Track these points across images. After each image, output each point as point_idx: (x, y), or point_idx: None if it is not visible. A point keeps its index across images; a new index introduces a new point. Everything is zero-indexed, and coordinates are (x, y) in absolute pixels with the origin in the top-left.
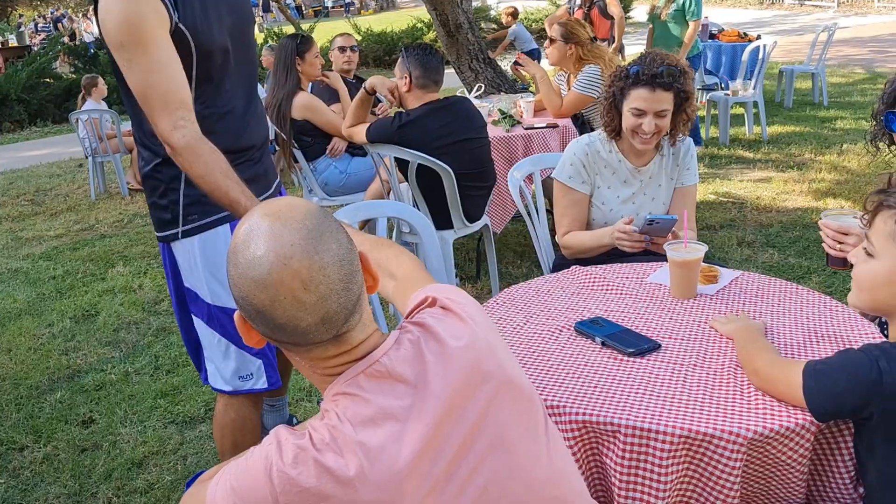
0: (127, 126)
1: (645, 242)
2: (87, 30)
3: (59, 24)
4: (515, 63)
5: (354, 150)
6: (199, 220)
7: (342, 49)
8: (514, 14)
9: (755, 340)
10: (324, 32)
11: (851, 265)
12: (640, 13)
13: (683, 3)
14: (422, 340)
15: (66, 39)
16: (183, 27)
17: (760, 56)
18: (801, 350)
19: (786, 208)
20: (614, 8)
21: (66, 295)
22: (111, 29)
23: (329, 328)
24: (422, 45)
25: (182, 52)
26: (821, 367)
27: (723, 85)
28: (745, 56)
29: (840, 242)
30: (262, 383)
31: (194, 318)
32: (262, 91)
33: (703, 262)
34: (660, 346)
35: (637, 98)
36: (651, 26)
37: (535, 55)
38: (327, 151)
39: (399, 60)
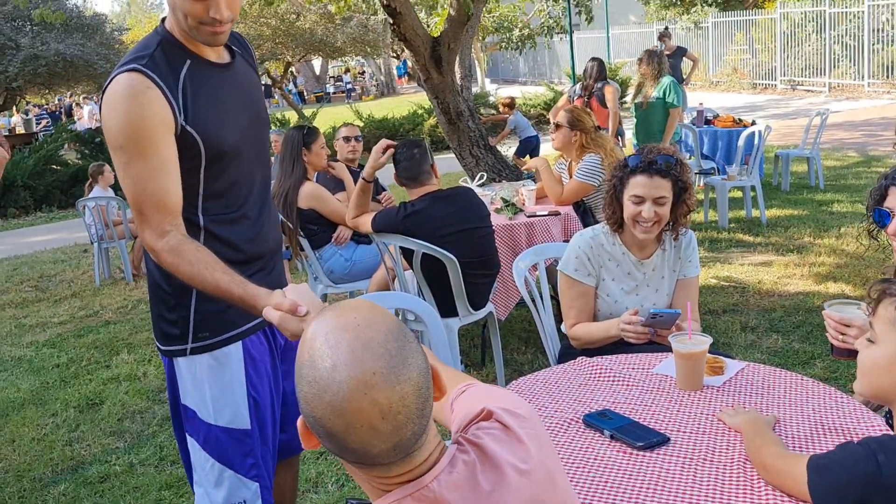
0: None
1: (650, 334)
2: (79, 118)
3: (72, 111)
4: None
5: (360, 238)
6: (210, 339)
7: (347, 139)
8: (511, 104)
9: (763, 434)
10: (326, 118)
11: (856, 356)
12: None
13: (664, 92)
14: (477, 465)
15: (76, 126)
16: (191, 129)
17: (756, 142)
18: (808, 443)
19: (788, 292)
20: (610, 101)
21: (70, 383)
22: (112, 129)
23: (399, 452)
24: (405, 143)
25: (191, 154)
26: (822, 462)
27: (718, 169)
28: (741, 141)
29: (842, 334)
30: None
31: (188, 437)
32: None
33: (709, 352)
34: (668, 439)
35: (635, 185)
36: (633, 115)
37: (533, 142)
38: (333, 239)
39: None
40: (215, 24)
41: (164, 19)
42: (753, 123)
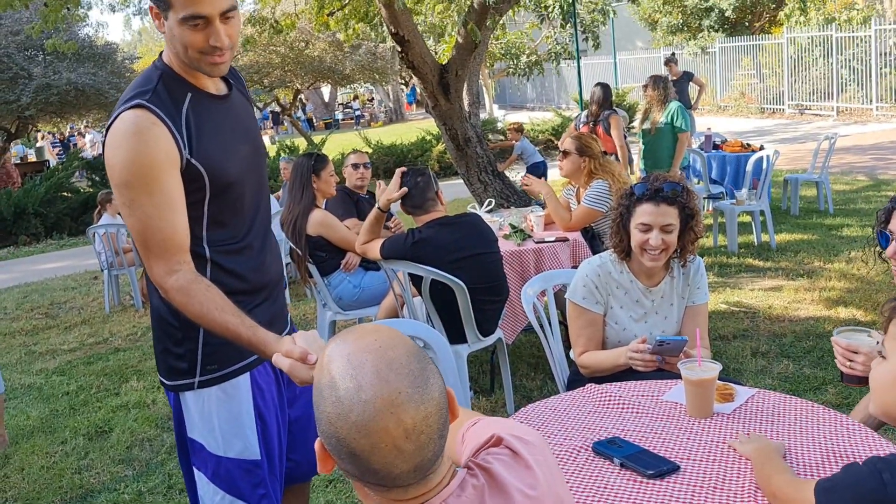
0: None
1: (658, 362)
2: (82, 147)
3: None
4: (524, 183)
5: (368, 264)
6: (218, 371)
7: (355, 166)
8: (519, 129)
9: (772, 461)
10: (335, 145)
11: (866, 382)
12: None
13: (672, 117)
14: (486, 489)
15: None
16: (196, 162)
17: (765, 166)
18: (819, 471)
19: (798, 317)
20: (614, 131)
21: (79, 411)
22: (116, 166)
23: (419, 473)
24: (407, 170)
25: (195, 188)
26: (828, 485)
27: (727, 194)
28: (749, 166)
29: (850, 360)
30: None
31: (195, 470)
32: (277, 205)
33: (719, 379)
34: (679, 467)
35: (642, 213)
36: (640, 141)
37: (540, 168)
38: (341, 266)
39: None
40: (215, 54)
41: (161, 53)
42: (762, 148)
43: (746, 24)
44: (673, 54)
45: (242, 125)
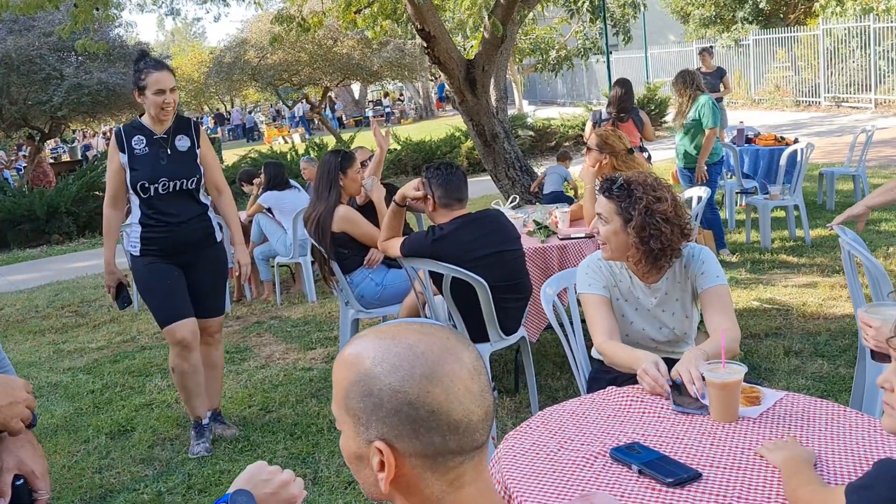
0: None
1: (666, 395)
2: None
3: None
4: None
5: (391, 261)
6: None
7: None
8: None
9: (801, 472)
10: (364, 142)
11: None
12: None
13: (698, 114)
14: None
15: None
16: None
17: (799, 159)
18: (851, 479)
19: (834, 315)
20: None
21: (103, 409)
22: None
23: (487, 426)
24: (441, 164)
25: None
26: (860, 483)
27: (759, 188)
28: (783, 160)
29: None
30: None
31: None
32: (305, 197)
33: (745, 381)
34: (700, 475)
35: None
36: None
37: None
38: (364, 262)
39: (423, 180)
40: None
41: None
42: (796, 141)
43: (781, 15)
44: (711, 47)
45: None
